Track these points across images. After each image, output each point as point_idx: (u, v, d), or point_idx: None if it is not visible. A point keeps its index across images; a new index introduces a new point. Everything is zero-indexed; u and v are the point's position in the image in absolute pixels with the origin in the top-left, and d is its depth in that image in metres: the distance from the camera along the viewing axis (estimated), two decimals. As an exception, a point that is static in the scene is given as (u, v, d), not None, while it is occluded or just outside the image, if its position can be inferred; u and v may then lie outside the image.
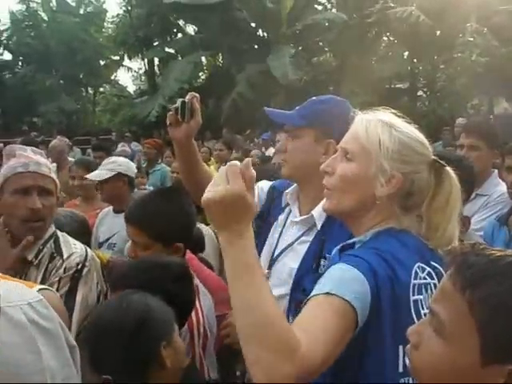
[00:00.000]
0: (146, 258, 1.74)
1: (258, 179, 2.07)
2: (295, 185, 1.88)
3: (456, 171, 1.35)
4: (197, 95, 1.87)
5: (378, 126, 1.31)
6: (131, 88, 24.41)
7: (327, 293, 1.13)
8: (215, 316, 1.93)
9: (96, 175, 3.26)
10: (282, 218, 1.89)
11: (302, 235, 1.78)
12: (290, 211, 1.87)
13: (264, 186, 2.02)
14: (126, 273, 1.60)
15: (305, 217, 1.79)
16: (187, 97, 1.85)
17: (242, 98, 15.01)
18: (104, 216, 3.29)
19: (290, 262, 1.76)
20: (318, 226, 1.74)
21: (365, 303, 1.15)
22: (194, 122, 1.85)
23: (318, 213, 1.74)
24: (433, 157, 1.34)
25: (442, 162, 1.34)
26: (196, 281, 1.93)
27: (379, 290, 1.17)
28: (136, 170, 3.60)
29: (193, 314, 1.75)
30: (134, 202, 1.97)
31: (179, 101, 1.83)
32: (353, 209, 1.32)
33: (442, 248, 1.28)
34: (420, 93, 15.91)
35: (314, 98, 1.84)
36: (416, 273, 1.21)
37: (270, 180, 2.08)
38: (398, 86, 16.42)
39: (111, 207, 3.31)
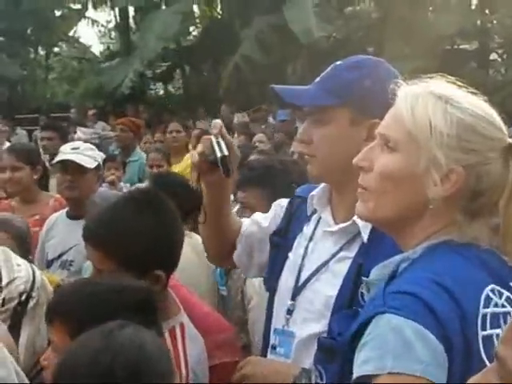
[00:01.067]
0: (94, 279, 1.74)
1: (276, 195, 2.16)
2: (323, 184, 1.88)
3: None
4: (223, 130, 1.91)
5: (428, 103, 1.32)
6: (97, 48, 24.51)
7: (389, 373, 1.15)
8: (209, 367, 1.94)
9: (82, 160, 3.24)
10: (308, 228, 1.89)
11: (341, 249, 1.78)
12: (320, 219, 1.87)
13: (284, 200, 2.06)
14: (65, 299, 1.59)
15: (344, 225, 1.78)
16: (215, 135, 1.86)
17: (248, 63, 15.00)
18: (54, 223, 3.29)
19: (326, 288, 1.76)
20: (365, 238, 1.73)
21: (441, 366, 1.17)
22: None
23: None
24: (509, 140, 1.33)
25: None
26: (183, 318, 1.92)
27: (450, 344, 1.17)
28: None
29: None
30: (95, 215, 1.93)
31: (216, 153, 1.84)
32: (397, 215, 1.33)
33: None
34: (494, 56, 15.87)
35: (339, 62, 1.81)
36: (488, 298, 1.24)
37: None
38: (462, 46, 16.38)
39: (63, 211, 3.30)
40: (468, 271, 1.27)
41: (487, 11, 15.25)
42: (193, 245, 2.96)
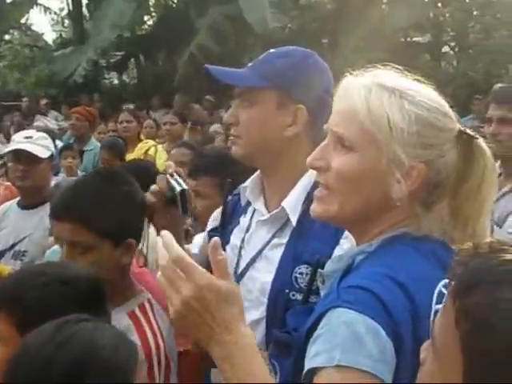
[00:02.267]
0: (37, 267, 1.74)
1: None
2: (255, 175, 1.92)
3: None
4: (180, 169, 2.01)
5: (382, 97, 1.30)
6: (49, 36, 24.04)
7: (337, 365, 1.15)
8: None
9: (35, 150, 3.21)
10: (244, 220, 1.93)
11: (273, 237, 1.82)
12: (255, 210, 1.90)
13: (217, 213, 2.12)
14: (11, 288, 1.57)
15: (274, 212, 1.82)
16: (170, 170, 1.94)
17: (204, 53, 14.88)
18: (4, 214, 3.24)
19: (262, 275, 1.80)
20: (293, 222, 1.77)
21: (389, 363, 1.17)
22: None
23: (291, 203, 1.78)
24: (459, 127, 1.34)
25: (470, 132, 1.35)
26: (148, 295, 2.00)
27: (400, 339, 1.18)
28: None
29: (150, 337, 1.80)
30: (67, 192, 1.98)
31: (176, 188, 1.91)
32: (360, 215, 1.33)
33: None
34: (446, 49, 16.05)
35: (272, 50, 1.88)
36: (441, 294, 1.23)
37: None
38: (416, 39, 16.53)
39: (14, 201, 3.26)
40: (422, 266, 1.27)
41: (440, 4, 15.42)
42: None
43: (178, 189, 1.89)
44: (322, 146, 1.37)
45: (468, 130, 1.35)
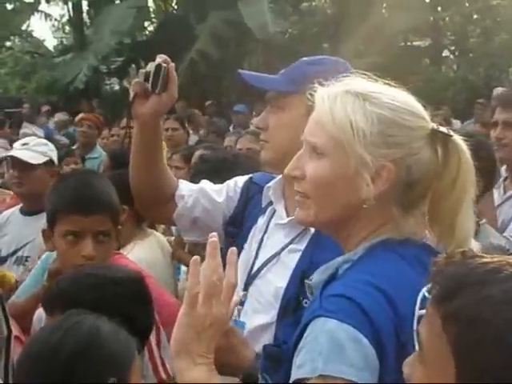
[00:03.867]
0: (90, 269, 1.82)
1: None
2: (280, 177, 1.92)
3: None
4: (171, 63, 1.92)
5: (346, 103, 1.32)
6: (50, 43, 24.10)
7: (320, 375, 1.16)
8: None
9: (27, 156, 3.23)
10: (262, 220, 1.94)
11: (291, 242, 1.83)
12: (274, 212, 1.92)
13: (239, 180, 2.08)
14: (68, 289, 1.69)
15: (293, 217, 1.80)
16: (158, 59, 1.91)
17: (204, 58, 14.95)
18: (6, 220, 3.27)
19: (277, 279, 1.80)
20: (312, 230, 1.77)
21: (372, 370, 1.18)
22: (167, 95, 1.92)
23: None
24: (432, 125, 1.35)
25: (444, 130, 1.35)
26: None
27: (383, 347, 1.19)
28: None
29: (152, 334, 1.88)
30: (87, 187, 2.19)
31: (152, 64, 1.89)
32: (335, 218, 1.35)
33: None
34: (446, 53, 16.09)
35: (305, 58, 1.91)
36: (425, 299, 1.22)
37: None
38: (416, 43, 16.57)
39: (16, 208, 3.28)
40: (405, 272, 1.27)
41: (439, 8, 15.46)
42: (160, 244, 3.14)
43: (155, 63, 1.89)
44: (299, 156, 1.40)
45: (442, 128, 1.36)
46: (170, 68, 1.90)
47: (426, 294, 1.20)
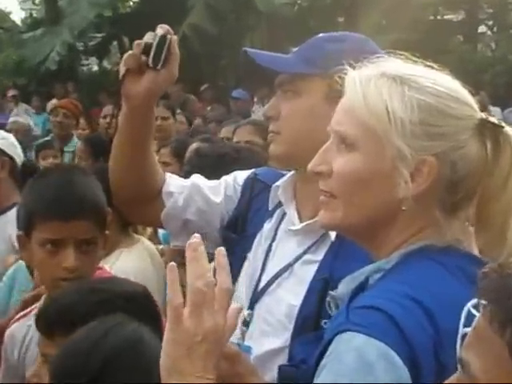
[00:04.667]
0: (94, 284, 1.87)
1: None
2: (290, 174, 1.91)
3: None
4: (173, 35, 1.90)
5: (381, 87, 1.33)
6: (17, 15, 24.13)
7: None
8: None
9: None
10: (270, 225, 1.93)
11: (307, 252, 1.81)
12: (284, 215, 1.90)
13: (239, 176, 2.06)
14: (71, 308, 1.71)
15: (310, 222, 1.81)
16: (159, 30, 1.88)
17: (198, 34, 14.96)
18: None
19: (289, 296, 1.79)
20: (332, 236, 1.77)
21: None
22: (166, 73, 1.90)
23: None
24: (481, 115, 1.35)
25: (494, 120, 1.36)
26: None
27: (418, 367, 1.19)
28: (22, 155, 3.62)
29: None
30: (64, 187, 2.14)
31: (154, 35, 1.88)
32: (367, 222, 1.35)
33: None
34: (483, 29, 16.07)
35: (321, 34, 1.90)
36: (470, 315, 1.21)
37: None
38: (447, 17, 16.56)
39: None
40: (448, 283, 1.28)
41: (475, -24, 15.44)
42: (149, 252, 3.14)
43: (159, 34, 1.87)
44: (324, 149, 1.40)
45: (492, 118, 1.36)
46: (172, 41, 1.88)
47: (473, 311, 1.19)
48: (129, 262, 2.89)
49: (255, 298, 1.85)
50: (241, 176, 2.05)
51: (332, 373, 1.20)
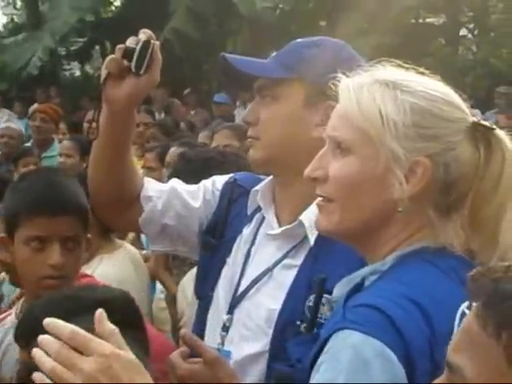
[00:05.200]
0: (69, 292, 1.81)
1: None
2: (269, 178, 1.92)
3: None
4: (156, 41, 1.89)
5: (374, 92, 1.36)
6: (-1, 20, 24.05)
7: None
8: None
9: None
10: (249, 230, 1.93)
11: (286, 256, 1.82)
12: (263, 219, 1.91)
13: (218, 181, 2.06)
14: (43, 313, 1.64)
15: (289, 226, 1.83)
16: (142, 35, 1.87)
17: (180, 39, 14.94)
18: None
19: (269, 300, 1.80)
20: (311, 240, 1.77)
21: None
22: (147, 78, 1.89)
23: (311, 218, 1.76)
24: (472, 118, 1.38)
25: (486, 123, 1.38)
26: None
27: (414, 366, 1.20)
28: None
29: None
30: (48, 186, 2.15)
31: (136, 40, 1.87)
32: (364, 225, 1.37)
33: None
34: (464, 32, 16.13)
35: (299, 39, 1.91)
36: (463, 317, 1.22)
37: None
38: (429, 20, 16.61)
39: None
40: (443, 285, 1.30)
41: (456, -21, 15.49)
42: (132, 258, 3.12)
43: (143, 39, 1.85)
44: (321, 155, 1.42)
45: (484, 122, 1.39)
46: (155, 46, 1.88)
47: (467, 312, 1.19)
48: (110, 269, 2.88)
49: (234, 302, 1.85)
50: (220, 180, 2.05)
51: (329, 370, 1.22)
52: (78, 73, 19.48)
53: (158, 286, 3.86)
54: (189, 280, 2.89)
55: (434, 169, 1.34)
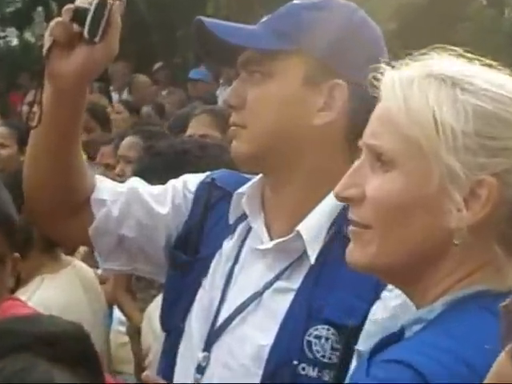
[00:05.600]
0: (4, 324, 1.84)
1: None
2: (257, 178, 1.93)
3: None
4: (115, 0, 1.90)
5: (427, 90, 1.34)
6: None
7: None
8: None
9: None
10: (231, 244, 1.94)
11: (279, 277, 1.83)
12: (250, 230, 1.92)
13: (191, 181, 2.06)
14: None
15: (283, 239, 1.83)
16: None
17: (148, 2, 14.97)
18: None
19: (256, 334, 1.81)
20: (312, 259, 1.78)
21: None
22: (104, 46, 1.88)
23: (311, 230, 1.79)
24: None
25: None
26: None
27: None
28: None
29: None
30: None
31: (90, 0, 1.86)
32: (408, 260, 1.36)
33: None
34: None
35: (295, 1, 1.91)
36: None
37: None
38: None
39: None
40: None
41: None
42: (82, 279, 3.15)
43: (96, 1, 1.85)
44: (355, 169, 1.41)
45: None
46: (114, 7, 1.88)
47: None
48: (51, 292, 2.88)
49: (213, 337, 1.85)
50: (193, 181, 2.04)
51: None
52: (15, 41, 19.46)
53: (117, 314, 3.86)
54: (157, 307, 2.90)
55: (503, 191, 1.32)
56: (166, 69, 12.45)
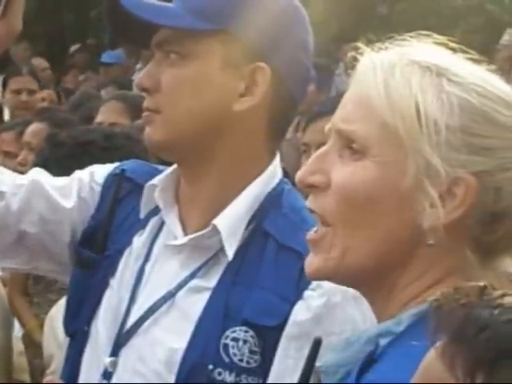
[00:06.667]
0: None
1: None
2: (171, 169, 1.94)
3: None
4: None
5: (410, 77, 1.33)
6: None
7: None
8: None
9: None
10: (141, 239, 1.95)
11: (194, 275, 1.85)
12: (162, 225, 1.94)
13: (99, 172, 2.06)
14: None
15: (198, 234, 1.85)
16: None
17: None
18: None
19: (169, 337, 1.83)
20: (230, 254, 1.80)
21: None
22: (5, 24, 1.88)
23: (229, 223, 1.81)
24: None
25: None
26: None
27: None
28: None
29: None
30: None
31: None
32: (374, 262, 1.34)
33: None
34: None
35: None
36: None
37: None
38: None
39: None
40: None
41: None
42: None
43: None
44: (320, 154, 1.38)
45: None
46: None
47: None
48: None
49: (121, 340, 1.85)
50: (101, 172, 2.04)
51: None
52: None
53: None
54: (59, 312, 2.88)
55: (481, 192, 1.31)
56: (84, 52, 12.38)
